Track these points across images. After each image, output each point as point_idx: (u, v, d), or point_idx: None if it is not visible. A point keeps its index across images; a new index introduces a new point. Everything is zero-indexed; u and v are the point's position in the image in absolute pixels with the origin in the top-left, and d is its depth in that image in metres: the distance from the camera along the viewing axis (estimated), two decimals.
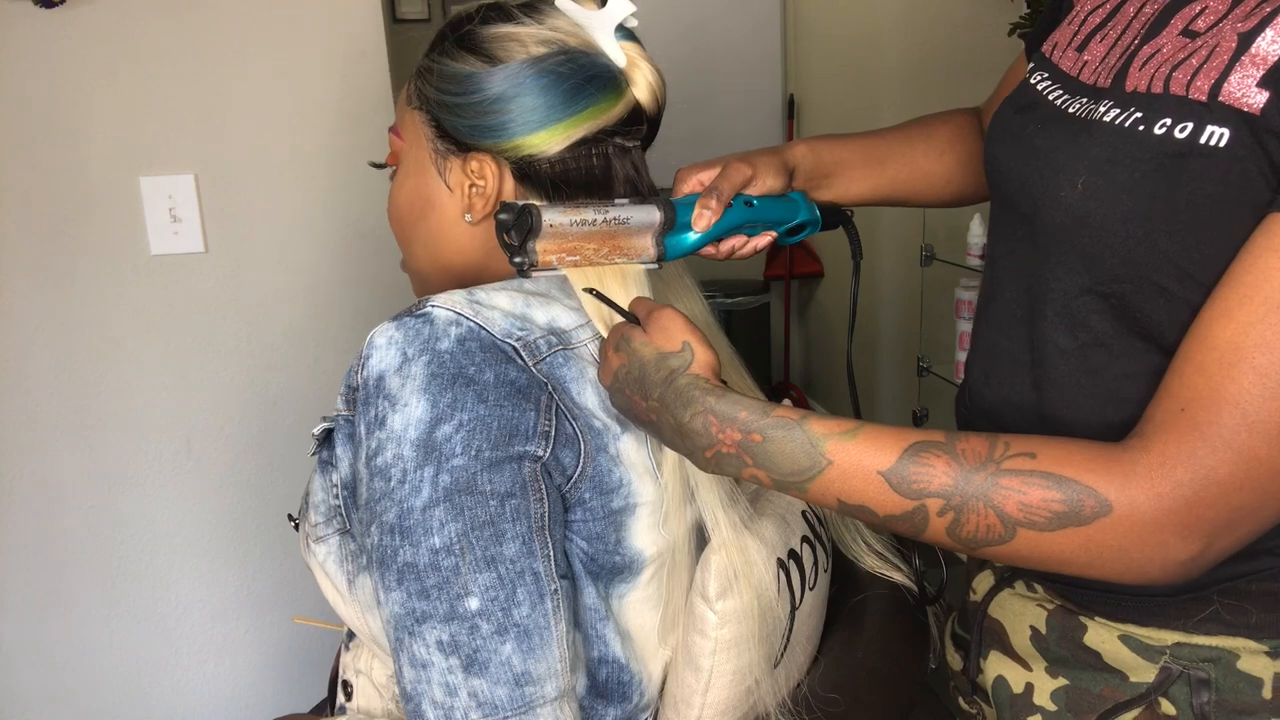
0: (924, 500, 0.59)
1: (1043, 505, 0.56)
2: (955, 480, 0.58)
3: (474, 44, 0.75)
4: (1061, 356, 0.68)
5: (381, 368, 0.68)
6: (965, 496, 0.58)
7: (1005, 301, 0.75)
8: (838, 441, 0.61)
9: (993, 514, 0.57)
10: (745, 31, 3.67)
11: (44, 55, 1.35)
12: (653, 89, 0.78)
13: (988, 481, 0.57)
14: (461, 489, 0.66)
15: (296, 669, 1.63)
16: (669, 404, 0.66)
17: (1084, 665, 0.73)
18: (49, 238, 1.40)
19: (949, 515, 0.58)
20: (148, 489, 1.52)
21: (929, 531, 0.60)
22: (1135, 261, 0.62)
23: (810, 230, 0.86)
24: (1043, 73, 0.74)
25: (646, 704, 0.78)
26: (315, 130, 1.46)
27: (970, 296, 2.06)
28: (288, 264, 1.50)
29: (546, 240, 0.71)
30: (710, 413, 0.64)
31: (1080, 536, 0.56)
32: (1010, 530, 0.57)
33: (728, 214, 0.78)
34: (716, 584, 0.74)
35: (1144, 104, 0.61)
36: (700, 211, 0.77)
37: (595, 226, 0.72)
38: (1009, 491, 0.57)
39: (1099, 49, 0.70)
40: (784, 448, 0.62)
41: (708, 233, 0.77)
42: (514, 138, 0.75)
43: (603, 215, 0.72)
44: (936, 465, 0.58)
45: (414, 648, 0.66)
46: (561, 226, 0.71)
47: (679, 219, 0.76)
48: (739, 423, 0.63)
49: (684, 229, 0.77)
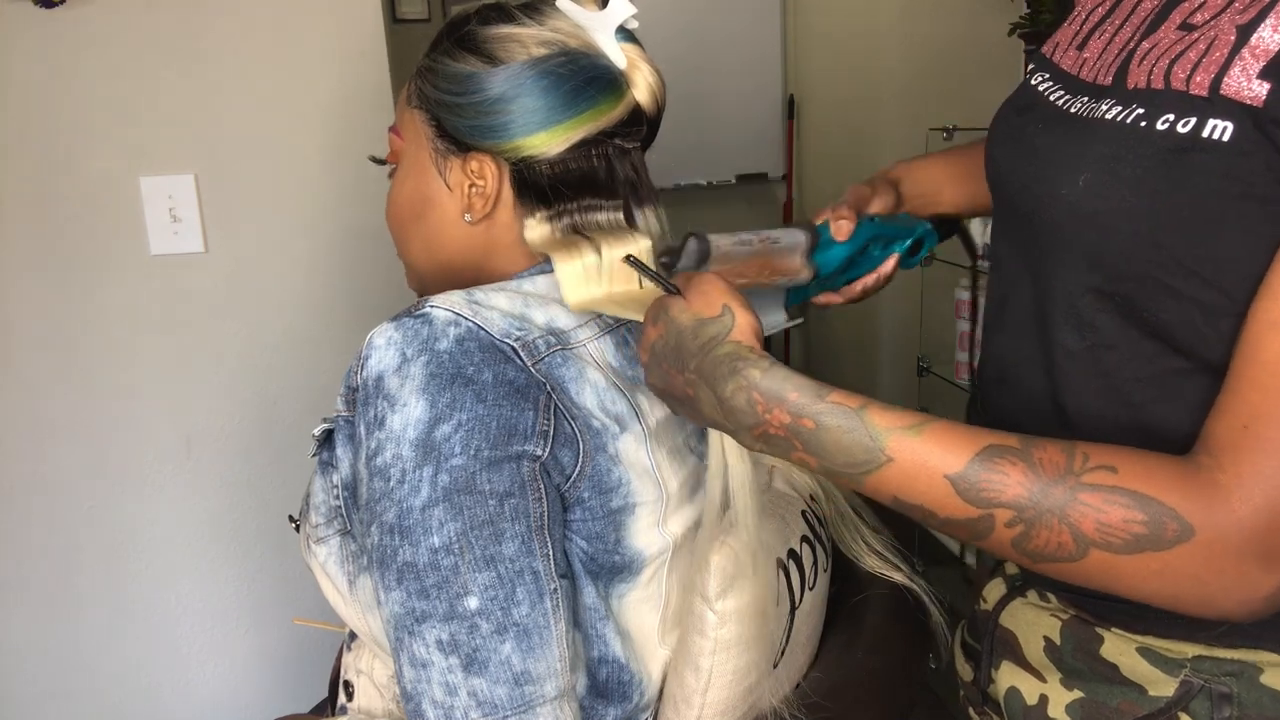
0: (993, 510, 0.55)
1: (1123, 526, 0.53)
2: (1031, 492, 0.54)
3: (475, 44, 0.75)
4: (1070, 358, 0.67)
5: (380, 368, 0.68)
6: (1040, 510, 0.54)
7: (1015, 306, 0.73)
8: (901, 437, 0.57)
9: (1067, 532, 0.54)
10: (745, 31, 3.67)
11: (44, 55, 1.35)
12: (652, 90, 0.78)
13: (1066, 496, 0.54)
14: (460, 488, 0.66)
15: (296, 669, 1.63)
16: (708, 375, 0.62)
17: (1100, 678, 0.70)
18: (49, 238, 1.40)
19: (1018, 528, 0.55)
20: (148, 489, 1.52)
21: (990, 540, 0.56)
22: (1140, 259, 0.60)
23: (929, 244, 0.89)
24: (1043, 73, 0.74)
25: (646, 704, 0.78)
26: (315, 130, 1.46)
27: (970, 296, 2.06)
28: (288, 264, 1.50)
29: (716, 264, 0.70)
30: (754, 389, 0.60)
31: (1157, 562, 0.53)
32: (1083, 549, 0.54)
33: (859, 229, 0.81)
34: (716, 584, 0.74)
35: (1145, 100, 0.60)
36: (837, 224, 0.79)
37: (754, 247, 0.72)
38: (1087, 509, 0.53)
39: (1097, 45, 0.69)
40: (839, 438, 0.58)
41: (849, 244, 0.80)
42: (514, 138, 0.75)
43: (757, 236, 0.73)
44: (1011, 474, 0.55)
45: (414, 647, 0.66)
46: (727, 249, 0.70)
47: (821, 237, 0.79)
48: (788, 404, 0.59)
49: (827, 245, 0.80)
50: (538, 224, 0.77)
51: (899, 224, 0.86)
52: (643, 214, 0.80)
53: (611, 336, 0.78)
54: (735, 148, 3.74)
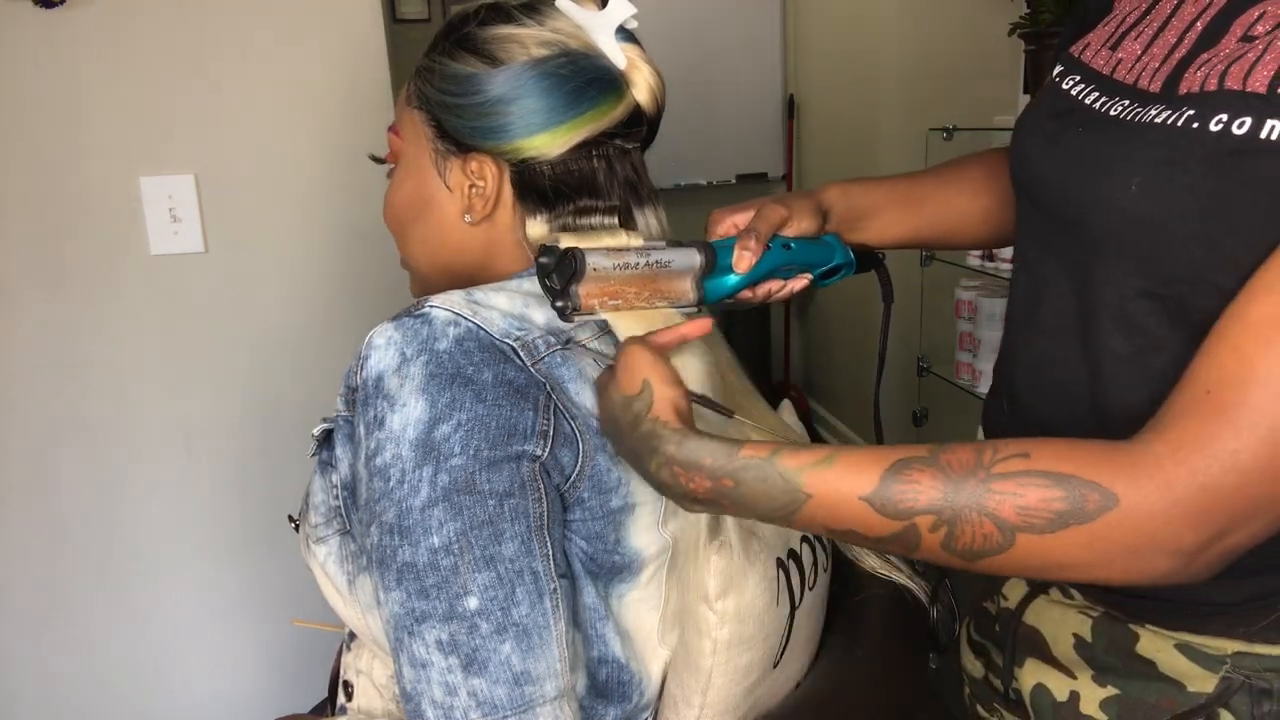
0: (913, 519, 0.56)
1: (1042, 505, 0.53)
2: (944, 492, 0.55)
3: (475, 45, 0.75)
4: (1118, 362, 0.66)
5: (380, 368, 0.68)
6: (957, 508, 0.55)
7: (1052, 310, 0.72)
8: (814, 472, 0.59)
9: (988, 522, 0.55)
10: (745, 31, 3.67)
11: (44, 55, 1.35)
12: (652, 91, 0.78)
13: (979, 488, 0.55)
14: (460, 488, 0.66)
15: (296, 669, 1.63)
16: (634, 454, 0.65)
17: (1136, 674, 0.70)
18: (49, 238, 1.40)
19: (941, 530, 0.56)
20: (147, 489, 1.52)
21: (923, 549, 0.57)
22: (1194, 261, 0.60)
23: (845, 273, 0.86)
24: (1074, 76, 0.72)
25: (646, 704, 0.78)
26: (315, 130, 1.46)
27: (970, 296, 2.06)
28: (288, 264, 1.50)
29: (589, 284, 0.70)
30: (673, 463, 0.62)
31: (1084, 535, 0.53)
32: (1009, 536, 0.55)
33: (766, 256, 0.78)
34: (716, 584, 0.74)
35: (1197, 102, 0.60)
36: (740, 253, 0.77)
37: (638, 270, 0.71)
38: (1004, 496, 0.54)
39: (1134, 46, 0.68)
40: (758, 489, 0.60)
41: (748, 275, 0.77)
42: (514, 140, 0.75)
43: (644, 259, 0.72)
44: (922, 480, 0.56)
45: (413, 647, 0.66)
46: (604, 270, 0.70)
47: (719, 261, 0.76)
48: (705, 470, 0.61)
49: (724, 271, 0.76)
50: (539, 226, 0.77)
51: (815, 249, 0.83)
52: (643, 215, 0.80)
53: (612, 336, 0.78)
54: (735, 148, 3.74)
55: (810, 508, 0.59)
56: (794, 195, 0.85)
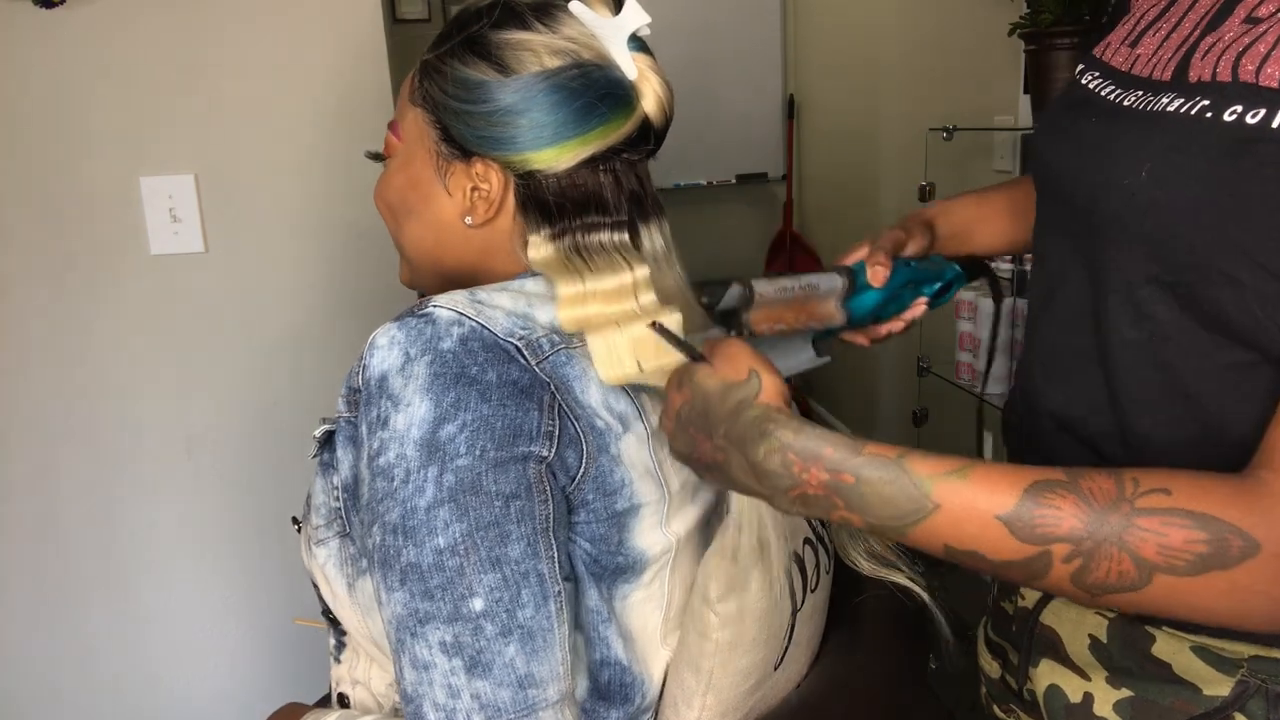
0: (1049, 546, 0.54)
1: (1185, 547, 0.51)
2: (1086, 523, 0.53)
3: (486, 50, 0.73)
4: (1127, 349, 0.66)
5: (384, 368, 0.67)
6: (1097, 540, 0.53)
7: (1065, 298, 0.72)
8: (945, 482, 0.56)
9: (1127, 559, 0.52)
10: (745, 31, 3.67)
11: (44, 55, 1.35)
12: (661, 103, 0.77)
13: (1122, 522, 0.52)
14: (466, 489, 0.65)
15: (296, 669, 1.63)
16: (738, 439, 0.61)
17: (1151, 677, 0.70)
18: (49, 238, 1.40)
19: (1076, 562, 0.54)
20: (147, 489, 1.51)
21: (1049, 578, 0.55)
22: (1203, 249, 0.59)
23: (957, 287, 0.92)
24: (1093, 72, 0.73)
25: (648, 705, 0.78)
26: (315, 130, 1.46)
27: (970, 296, 2.06)
28: (288, 264, 1.50)
29: (758, 310, 0.73)
30: (789, 449, 0.59)
31: (1224, 581, 0.51)
32: (1145, 576, 0.52)
33: (895, 273, 0.83)
34: (718, 585, 0.74)
35: (1211, 92, 0.60)
36: (873, 269, 0.82)
37: (793, 293, 0.75)
38: (1147, 533, 0.52)
39: (1151, 42, 0.68)
40: (881, 490, 0.57)
41: (885, 289, 0.82)
42: (522, 151, 0.73)
43: (797, 282, 0.75)
44: (1064, 507, 0.53)
45: (416, 649, 0.66)
46: (768, 295, 0.73)
47: (857, 281, 0.81)
48: (825, 460, 0.58)
49: (862, 289, 0.82)
50: (541, 243, 0.75)
51: (930, 267, 0.88)
52: (647, 230, 0.78)
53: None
54: (735, 148, 3.74)
55: (935, 520, 0.56)
56: (907, 218, 0.91)
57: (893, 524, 0.57)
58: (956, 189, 2.61)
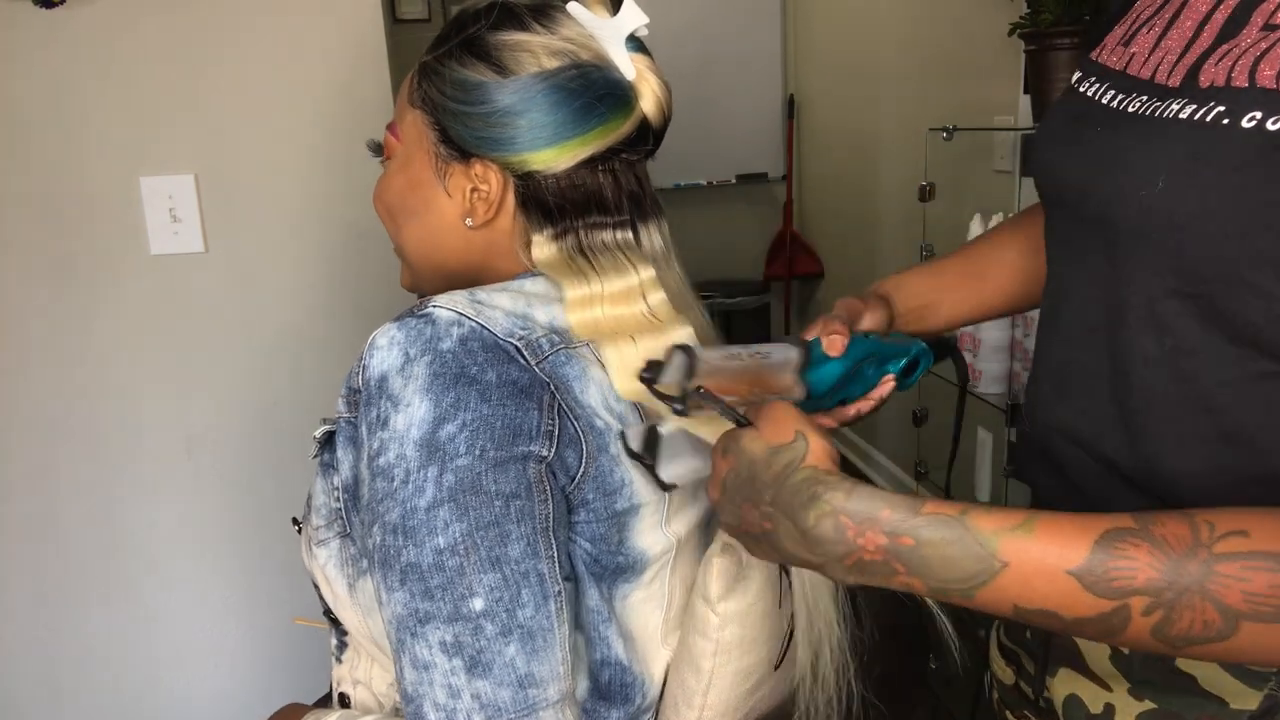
0: (1127, 599, 0.51)
1: (1271, 592, 0.49)
2: (1164, 573, 0.50)
3: (484, 51, 0.74)
4: (1148, 365, 0.64)
5: (384, 368, 0.67)
6: (1178, 590, 0.50)
7: (1075, 313, 0.70)
8: (1011, 538, 0.53)
9: (1211, 608, 0.50)
10: (745, 31, 3.67)
11: (44, 55, 1.35)
12: (659, 103, 0.77)
13: (1202, 570, 0.50)
14: (466, 489, 0.66)
15: (296, 669, 1.63)
16: (786, 505, 0.58)
17: (1175, 689, 0.68)
18: (49, 238, 1.40)
19: (1157, 614, 0.51)
20: (147, 489, 1.52)
21: (1128, 633, 0.52)
22: (1226, 260, 0.57)
23: (924, 365, 0.86)
24: (1090, 79, 0.71)
25: (648, 705, 0.78)
26: (315, 130, 1.46)
27: None
28: (288, 264, 1.50)
29: (703, 379, 0.67)
30: (841, 513, 0.56)
31: None
32: (1231, 624, 0.50)
33: (853, 345, 0.78)
34: (719, 585, 0.74)
35: (1226, 98, 0.58)
36: (829, 339, 0.76)
37: (743, 362, 0.70)
38: (1230, 579, 0.50)
39: (1146, 40, 0.67)
40: (944, 551, 0.54)
41: (843, 361, 0.77)
42: (521, 152, 0.73)
43: (747, 351, 0.70)
44: (1139, 557, 0.51)
45: (416, 649, 0.66)
46: (715, 363, 0.68)
47: (813, 353, 0.76)
48: (882, 524, 0.55)
49: (820, 361, 0.76)
50: (544, 242, 0.75)
51: (893, 343, 0.83)
52: (646, 230, 0.78)
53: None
54: (735, 148, 3.75)
55: (1004, 579, 0.53)
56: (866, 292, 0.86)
57: (958, 587, 0.55)
58: (956, 189, 2.61)
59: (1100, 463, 0.70)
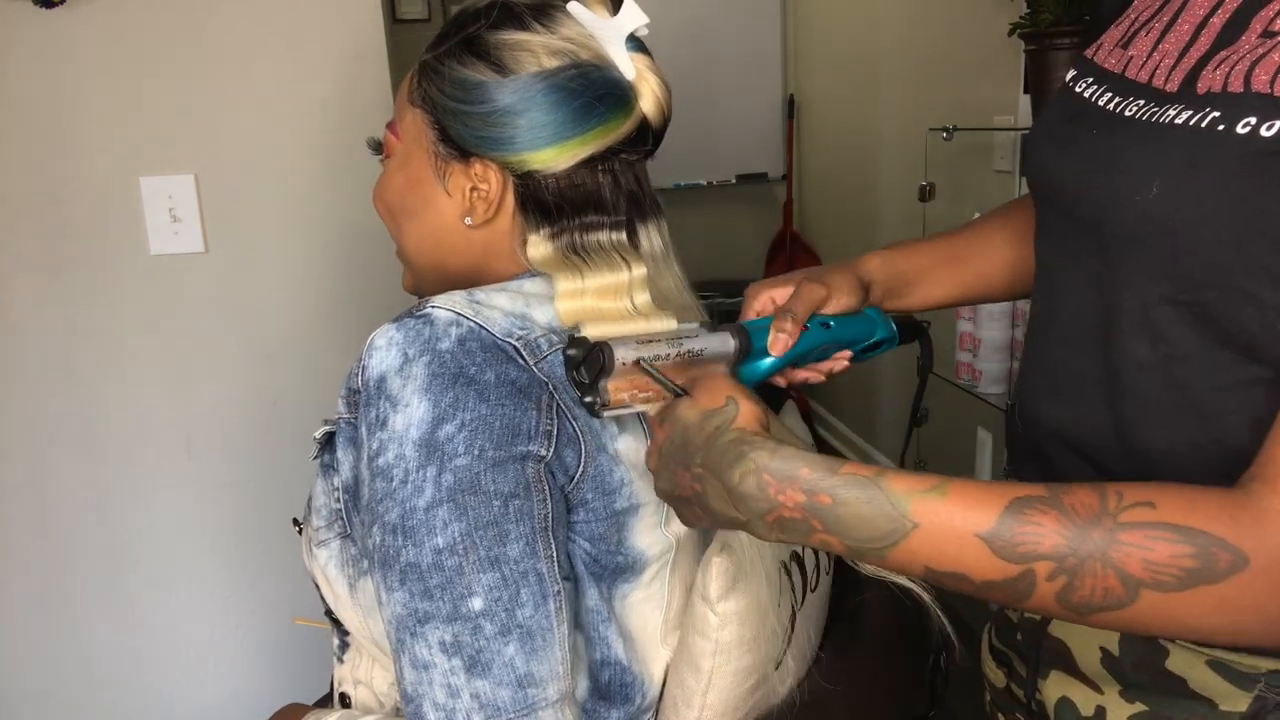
0: (1031, 564, 0.52)
1: (1171, 562, 0.50)
2: (1069, 539, 0.51)
3: (484, 50, 0.74)
4: (1142, 371, 0.64)
5: (383, 369, 0.67)
6: (1081, 557, 0.51)
7: (1069, 316, 0.70)
8: (923, 500, 0.54)
9: (1113, 575, 0.51)
10: (745, 31, 3.67)
11: (44, 55, 1.35)
12: (659, 103, 0.77)
13: (1106, 538, 0.51)
14: (465, 488, 0.66)
15: (296, 669, 1.63)
16: (714, 464, 0.60)
17: (1165, 691, 0.68)
18: (49, 238, 1.40)
19: (1060, 580, 0.52)
20: (147, 489, 1.51)
21: (1034, 598, 0.53)
22: (1220, 267, 0.57)
23: (887, 346, 0.83)
24: (1086, 79, 0.71)
25: (648, 705, 0.78)
26: (315, 130, 1.46)
27: None
28: (288, 264, 1.50)
29: (619, 379, 0.66)
30: (764, 471, 0.58)
31: (1214, 597, 0.50)
32: (1132, 592, 0.51)
33: (804, 336, 0.74)
34: (718, 585, 0.74)
35: (1221, 103, 0.58)
36: (776, 336, 0.74)
37: (669, 361, 0.68)
38: (1131, 548, 0.50)
39: (1144, 43, 0.67)
40: (859, 510, 0.55)
41: (784, 357, 0.74)
42: (520, 151, 0.73)
43: (676, 349, 0.68)
44: (1045, 523, 0.52)
45: (416, 648, 0.66)
46: (631, 362, 0.66)
47: (754, 345, 0.72)
48: (800, 481, 0.57)
49: (759, 355, 0.73)
50: (541, 241, 0.75)
51: (858, 324, 0.80)
52: (645, 230, 0.78)
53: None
54: (735, 148, 3.75)
55: (915, 540, 0.55)
56: (833, 270, 0.82)
57: (871, 546, 0.56)
58: (956, 189, 2.62)
59: (1092, 465, 0.70)
